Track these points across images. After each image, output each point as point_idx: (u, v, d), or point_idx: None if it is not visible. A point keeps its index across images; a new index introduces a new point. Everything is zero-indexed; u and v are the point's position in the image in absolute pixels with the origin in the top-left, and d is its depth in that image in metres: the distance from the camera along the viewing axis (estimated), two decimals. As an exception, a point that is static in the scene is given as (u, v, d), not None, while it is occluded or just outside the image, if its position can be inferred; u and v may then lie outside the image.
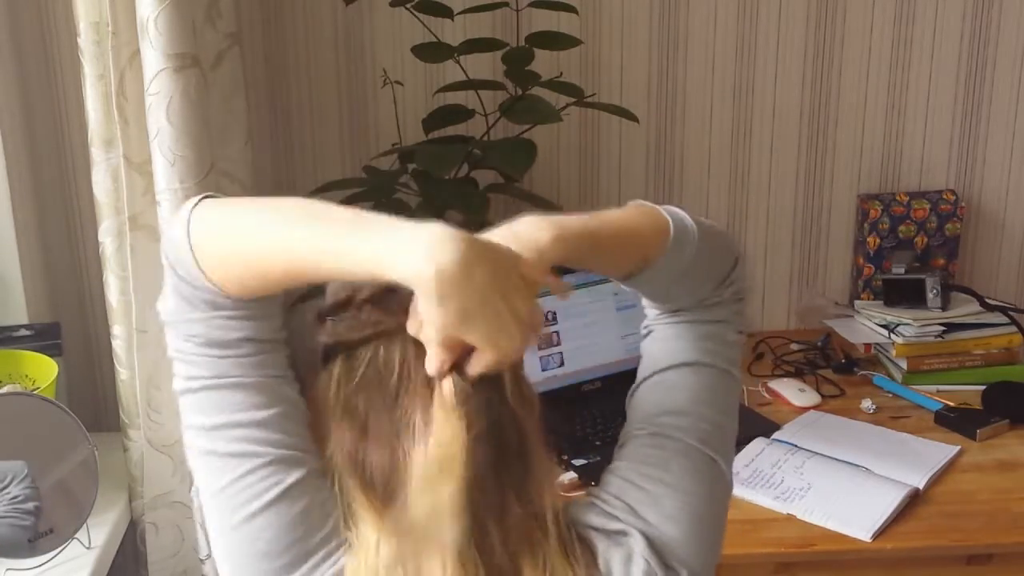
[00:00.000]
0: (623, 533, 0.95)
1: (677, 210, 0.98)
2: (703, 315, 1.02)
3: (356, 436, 0.90)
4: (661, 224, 0.96)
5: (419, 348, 0.86)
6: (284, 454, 0.91)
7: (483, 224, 0.89)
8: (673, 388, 1.01)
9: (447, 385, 0.86)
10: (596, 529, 0.95)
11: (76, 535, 1.57)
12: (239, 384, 0.91)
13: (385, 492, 0.89)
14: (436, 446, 0.86)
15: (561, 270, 0.89)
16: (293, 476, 0.91)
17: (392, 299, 0.91)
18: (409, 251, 0.79)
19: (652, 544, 0.94)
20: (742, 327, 1.05)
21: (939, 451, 1.76)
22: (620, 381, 1.90)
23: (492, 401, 0.88)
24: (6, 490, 1.47)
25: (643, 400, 1.02)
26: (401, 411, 0.89)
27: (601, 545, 0.94)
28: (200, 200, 0.90)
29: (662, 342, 1.03)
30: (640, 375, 1.04)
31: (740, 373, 1.04)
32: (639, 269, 0.96)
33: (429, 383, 0.87)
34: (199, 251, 0.87)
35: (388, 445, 0.89)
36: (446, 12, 1.84)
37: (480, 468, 0.87)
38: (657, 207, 0.98)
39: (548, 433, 0.94)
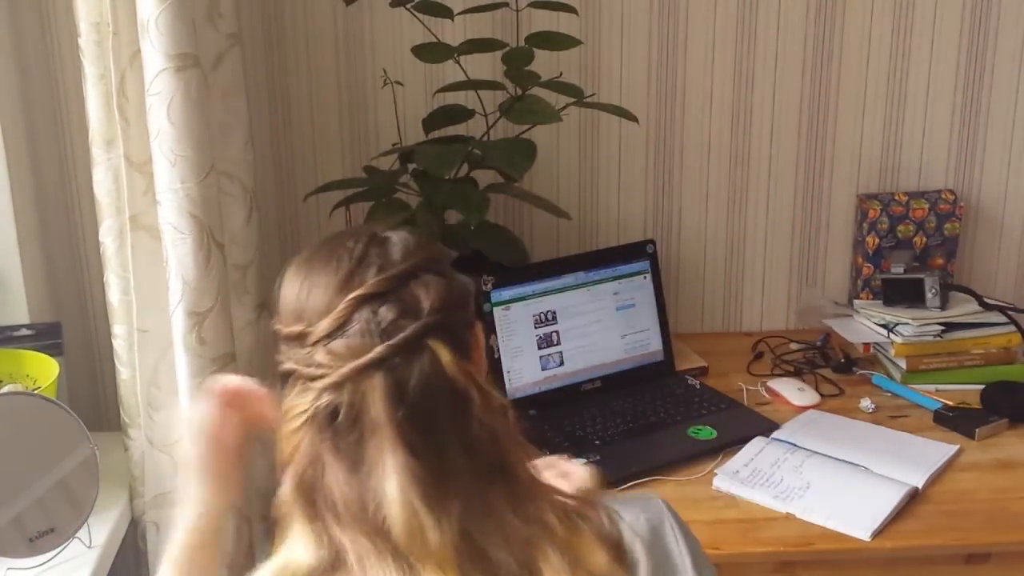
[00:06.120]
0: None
1: None
2: None
3: (347, 472, 0.91)
4: None
5: (366, 394, 0.89)
6: None
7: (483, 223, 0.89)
8: None
9: None
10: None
11: (77, 534, 1.57)
12: None
13: (367, 519, 0.90)
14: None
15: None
16: None
17: (342, 342, 0.92)
18: None
19: None
20: None
21: (938, 450, 1.77)
22: (620, 381, 1.93)
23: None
24: None
25: None
26: (367, 454, 0.90)
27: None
28: None
29: None
30: None
31: None
32: None
33: (394, 427, 0.89)
34: None
35: (356, 483, 0.90)
36: (446, 12, 1.84)
37: (466, 486, 0.89)
38: None
39: (544, 432, 0.94)
